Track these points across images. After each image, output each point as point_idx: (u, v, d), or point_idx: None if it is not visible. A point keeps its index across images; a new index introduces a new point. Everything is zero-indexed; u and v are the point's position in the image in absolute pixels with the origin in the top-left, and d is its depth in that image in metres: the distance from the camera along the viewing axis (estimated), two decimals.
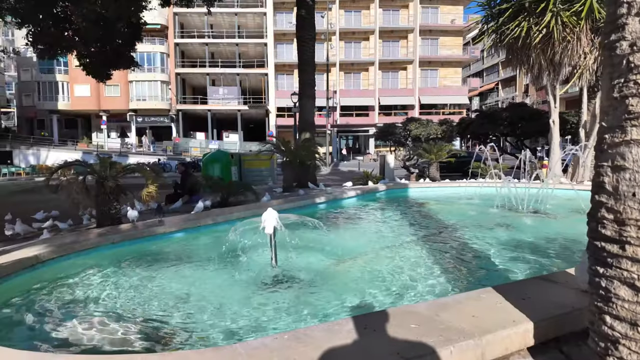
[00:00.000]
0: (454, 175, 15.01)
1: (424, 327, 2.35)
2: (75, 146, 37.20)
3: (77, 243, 4.94)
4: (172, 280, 4.11)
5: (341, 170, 25.66)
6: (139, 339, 2.84)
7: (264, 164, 15.98)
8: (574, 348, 2.42)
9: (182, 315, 3.26)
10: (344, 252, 4.92)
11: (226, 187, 9.35)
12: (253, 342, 2.26)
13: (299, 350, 2.11)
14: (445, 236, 6.01)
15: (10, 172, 28.59)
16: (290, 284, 3.86)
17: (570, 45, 10.72)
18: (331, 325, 2.44)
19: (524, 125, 18.75)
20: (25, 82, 41.61)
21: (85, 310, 3.40)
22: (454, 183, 11.80)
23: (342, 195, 9.54)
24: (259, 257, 4.65)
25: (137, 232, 5.61)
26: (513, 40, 11.49)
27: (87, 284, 4.07)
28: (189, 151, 37.82)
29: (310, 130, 13.80)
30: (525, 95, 43.88)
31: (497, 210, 7.92)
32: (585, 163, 12.37)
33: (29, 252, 4.40)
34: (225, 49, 41.40)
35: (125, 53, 12.99)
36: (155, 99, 39.42)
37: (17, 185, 19.47)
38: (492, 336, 2.23)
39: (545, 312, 2.50)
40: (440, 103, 41.47)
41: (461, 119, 25.42)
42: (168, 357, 2.16)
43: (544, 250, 5.10)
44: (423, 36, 41.07)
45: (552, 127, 12.46)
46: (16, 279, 3.95)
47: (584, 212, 3.91)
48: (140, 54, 32.59)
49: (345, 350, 2.11)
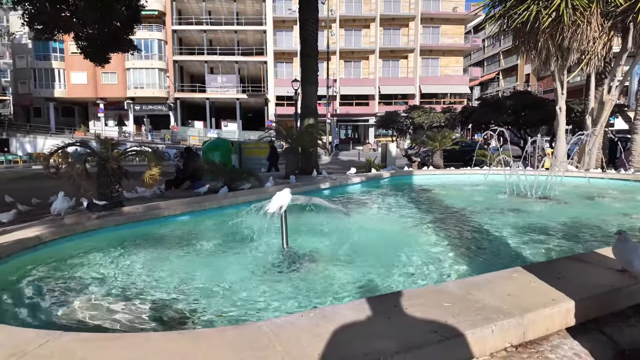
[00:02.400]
0: (457, 164, 14.84)
1: (458, 306, 2.20)
2: (73, 134, 36.77)
3: (79, 224, 4.76)
4: (179, 262, 3.96)
5: (341, 160, 25.49)
6: (152, 319, 2.69)
7: (264, 152, 15.78)
8: (615, 329, 2.28)
9: (191, 296, 3.11)
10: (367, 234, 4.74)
11: (229, 173, 9.17)
12: (277, 320, 2.10)
13: (327, 329, 1.96)
14: (459, 219, 5.87)
15: (7, 160, 28.27)
16: (299, 265, 3.72)
17: (579, 29, 10.48)
18: (358, 303, 2.28)
19: (527, 113, 18.56)
20: (20, 69, 40.98)
21: (90, 290, 3.25)
22: (459, 171, 11.64)
23: (347, 182, 9.37)
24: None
25: (140, 214, 5.44)
26: (521, 25, 11.24)
27: (91, 264, 3.92)
28: (187, 140, 37.48)
29: (313, 116, 13.55)
30: (527, 85, 43.59)
31: (506, 197, 7.78)
32: (591, 151, 12.23)
33: (30, 232, 4.23)
34: (223, 36, 40.77)
35: (123, 36, 12.65)
36: (152, 86, 38.91)
37: (14, 173, 19.20)
38: (533, 315, 2.09)
39: (585, 291, 2.35)
40: (441, 92, 41.13)
41: (464, 107, 25.21)
42: (188, 335, 2.01)
43: (561, 234, 4.97)
44: (424, 24, 40.55)
45: (559, 115, 12.27)
46: (18, 259, 3.79)
47: (596, 198, 3.65)
48: (138, 40, 32.01)
49: (378, 329, 1.96)
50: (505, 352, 2.02)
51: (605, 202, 7.30)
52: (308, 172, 11.75)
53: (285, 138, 12.39)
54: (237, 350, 1.79)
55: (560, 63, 11.78)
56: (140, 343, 1.91)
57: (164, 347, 1.84)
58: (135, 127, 40.54)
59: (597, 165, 12.20)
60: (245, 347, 1.81)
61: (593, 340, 2.18)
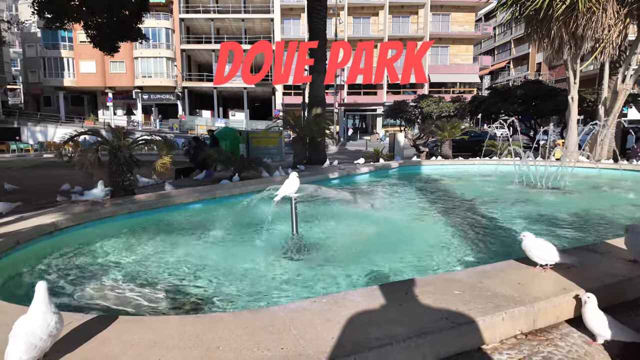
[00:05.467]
0: (465, 154, 14.72)
1: (469, 293, 2.23)
2: (82, 123, 37.07)
3: (93, 212, 4.86)
4: (191, 248, 4.03)
5: (348, 150, 25.42)
6: (166, 303, 2.77)
7: (272, 142, 15.76)
8: (626, 318, 2.30)
9: (204, 282, 3.18)
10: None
11: (238, 162, 9.22)
12: (291, 305, 2.16)
13: (339, 314, 2.00)
14: (469, 209, 5.87)
15: (19, 148, 28.64)
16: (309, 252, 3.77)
17: (594, 17, 10.23)
18: (369, 290, 2.33)
19: (538, 103, 18.25)
20: (30, 58, 41.21)
21: (107, 276, 3.33)
22: (468, 161, 11.57)
23: (356, 171, 9.38)
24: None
25: (153, 202, 5.52)
26: (533, 12, 11.01)
27: (106, 251, 4.01)
28: (195, 129, 37.59)
29: (321, 106, 13.49)
30: (538, 74, 42.79)
31: (517, 187, 7.74)
32: (603, 141, 12.06)
33: (47, 219, 4.33)
34: (230, 25, 40.49)
35: (132, 25, 12.65)
36: (160, 75, 38.93)
37: (26, 161, 19.50)
38: (544, 303, 2.11)
39: (595, 280, 2.37)
40: (451, 82, 40.55)
41: (473, 97, 24.89)
42: (204, 319, 2.07)
43: (571, 224, 4.96)
44: (434, 11, 39.80)
45: (571, 104, 12.07)
46: (36, 245, 3.89)
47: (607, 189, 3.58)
48: (145, 29, 31.93)
49: (389, 315, 2.00)
50: (515, 339, 2.05)
51: (616, 193, 7.23)
52: (316, 162, 11.76)
53: (293, 127, 12.38)
54: (253, 333, 1.85)
55: (574, 51, 11.54)
56: (159, 326, 1.97)
57: (182, 330, 1.90)
58: (143, 116, 40.70)
59: (608, 156, 12.03)
60: (261, 331, 1.87)
61: None
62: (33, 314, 1.53)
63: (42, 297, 1.57)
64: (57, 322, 1.56)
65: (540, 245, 2.52)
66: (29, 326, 1.49)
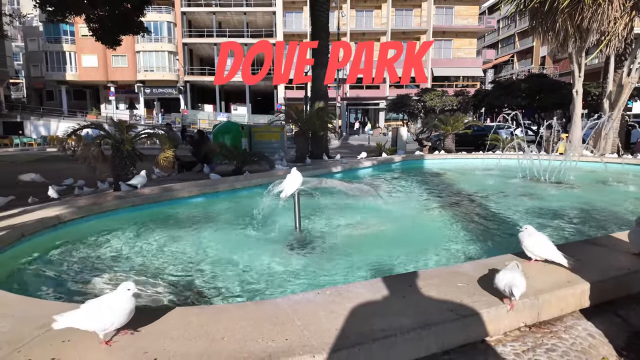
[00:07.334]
0: (468, 148, 14.66)
1: (473, 286, 2.23)
2: (85, 117, 37.11)
3: (96, 205, 4.87)
4: (194, 242, 4.05)
5: (351, 144, 25.36)
6: (171, 296, 2.78)
7: (274, 136, 15.70)
8: (630, 312, 2.29)
9: (207, 275, 3.19)
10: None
11: (241, 156, 9.22)
12: (294, 297, 2.16)
13: (343, 306, 2.01)
14: (473, 203, 5.85)
15: (23, 142, 28.73)
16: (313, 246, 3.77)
17: (600, 9, 10.10)
18: (373, 282, 2.33)
19: (542, 97, 18.12)
20: (32, 52, 41.18)
21: (110, 268, 3.35)
22: (471, 155, 11.53)
23: (359, 165, 9.36)
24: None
25: (156, 195, 5.53)
26: (538, 5, 10.90)
27: (111, 243, 4.03)
28: (197, 123, 37.56)
29: (323, 100, 13.44)
30: (542, 67, 42.46)
31: (520, 181, 7.71)
32: (608, 135, 11.98)
33: (51, 212, 4.34)
34: (232, 18, 40.28)
35: (134, 18, 12.61)
36: (162, 69, 38.85)
37: (29, 155, 19.56)
38: (548, 296, 2.11)
39: (600, 273, 2.36)
40: (454, 75, 40.28)
41: (477, 91, 24.73)
42: (208, 310, 2.08)
43: (575, 218, 4.94)
44: (437, 4, 39.43)
45: (575, 98, 11.97)
46: (40, 237, 3.90)
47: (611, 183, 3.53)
48: (147, 22, 31.77)
49: (393, 307, 2.00)
50: (519, 332, 2.05)
51: (620, 187, 7.19)
52: (318, 156, 11.74)
53: (296, 121, 12.35)
54: (257, 324, 1.85)
55: (579, 44, 11.43)
56: (163, 317, 1.98)
57: (186, 320, 1.91)
58: (146, 110, 40.70)
59: (613, 150, 11.96)
60: (265, 322, 1.87)
61: (607, 321, 2.20)
62: (124, 298, 1.77)
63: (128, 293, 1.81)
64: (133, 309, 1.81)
65: (534, 240, 2.50)
66: (121, 303, 1.75)
